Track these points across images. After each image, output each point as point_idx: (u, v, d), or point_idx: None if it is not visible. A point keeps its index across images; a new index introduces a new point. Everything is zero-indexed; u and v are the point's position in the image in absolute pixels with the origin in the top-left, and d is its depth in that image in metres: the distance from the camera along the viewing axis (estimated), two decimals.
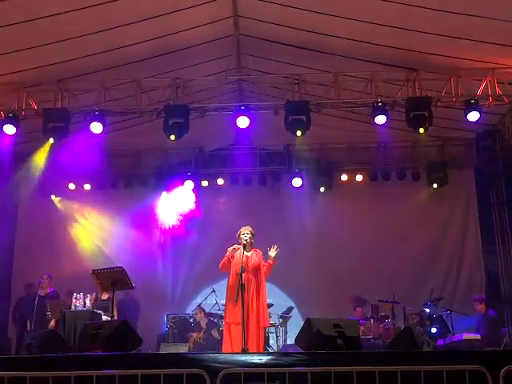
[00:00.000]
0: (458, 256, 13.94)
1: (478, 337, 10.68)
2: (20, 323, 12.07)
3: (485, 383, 5.09)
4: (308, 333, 6.75)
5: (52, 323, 10.64)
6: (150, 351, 10.32)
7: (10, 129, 10.96)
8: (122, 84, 11.29)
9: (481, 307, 11.59)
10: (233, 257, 8.68)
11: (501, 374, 5.08)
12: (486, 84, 10.83)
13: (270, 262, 8.70)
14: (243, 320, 7.98)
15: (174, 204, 14.19)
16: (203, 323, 12.08)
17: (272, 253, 8.65)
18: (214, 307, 12.57)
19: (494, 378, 5.09)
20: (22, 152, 12.55)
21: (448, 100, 11.11)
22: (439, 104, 11.09)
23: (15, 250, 14.06)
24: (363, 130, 12.48)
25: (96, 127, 11.01)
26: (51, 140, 11.11)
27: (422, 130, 10.88)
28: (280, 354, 6.72)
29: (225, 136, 13.37)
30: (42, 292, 11.75)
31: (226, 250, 8.73)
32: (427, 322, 11.05)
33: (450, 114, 11.64)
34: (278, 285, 13.16)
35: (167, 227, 14.21)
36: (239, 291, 8.18)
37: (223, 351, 8.47)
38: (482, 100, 10.91)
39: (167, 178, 13.91)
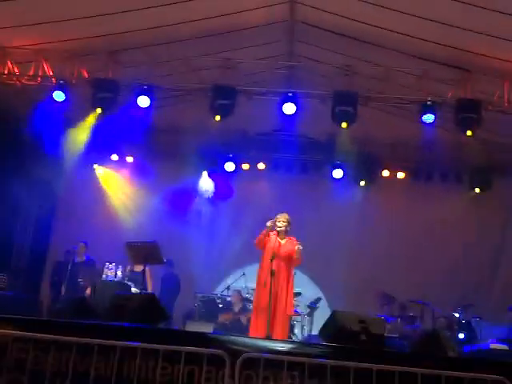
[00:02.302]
0: (493, 263, 13.73)
1: (506, 347, 10.51)
2: (55, 287, 12.23)
3: None
4: (332, 326, 6.75)
5: (88, 291, 10.79)
6: (175, 327, 10.43)
7: (59, 95, 11.10)
8: (172, 60, 11.33)
9: None
10: (268, 235, 8.69)
11: None
12: None
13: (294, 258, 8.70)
14: (270, 306, 8.02)
15: (213, 184, 14.31)
16: (237, 307, 12.06)
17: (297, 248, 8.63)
18: (243, 291, 12.61)
19: None
20: (69, 119, 12.74)
21: (499, 104, 10.86)
22: (490, 108, 10.85)
23: (56, 217, 14.34)
24: (409, 128, 12.31)
25: (143, 101, 11.09)
26: (99, 110, 11.19)
27: (469, 133, 10.69)
28: (303, 343, 6.73)
29: (269, 121, 13.33)
30: (78, 259, 11.86)
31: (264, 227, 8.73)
32: (455, 327, 10.92)
33: (500, 119, 11.38)
34: (309, 274, 13.19)
35: (204, 207, 14.33)
36: (268, 277, 8.20)
37: (250, 335, 8.53)
38: None
39: (208, 158, 14.00)
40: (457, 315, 11.17)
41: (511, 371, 5.48)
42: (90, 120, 12.08)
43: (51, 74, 11.26)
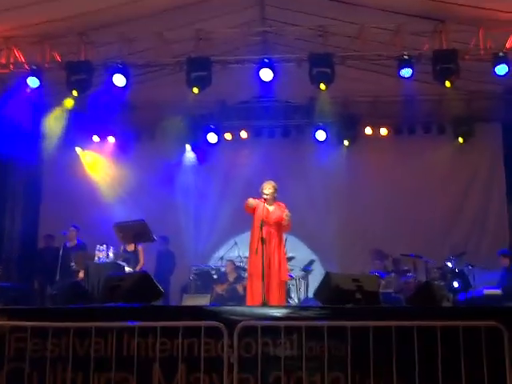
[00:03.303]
0: (482, 211, 13.82)
1: (499, 292, 10.67)
2: (41, 274, 12.23)
3: (501, 339, 5.12)
4: (327, 287, 6.79)
5: (81, 274, 10.78)
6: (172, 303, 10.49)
7: (33, 81, 10.98)
8: (144, 36, 11.19)
9: (505, 261, 11.57)
10: (255, 208, 8.72)
11: None
12: None
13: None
14: (263, 273, 8.07)
15: (197, 157, 14.30)
16: (231, 277, 12.15)
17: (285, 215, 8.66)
18: (237, 259, 12.68)
19: (511, 335, 5.11)
20: (46, 104, 12.62)
21: (476, 53, 10.83)
22: (466, 57, 10.82)
23: (41, 202, 14.30)
24: (388, 83, 12.28)
25: (119, 80, 10.98)
26: (74, 92, 11.07)
27: (448, 84, 10.69)
28: (298, 307, 6.80)
29: (248, 89, 13.26)
30: (69, 244, 11.85)
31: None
32: (449, 277, 11.03)
33: (477, 67, 11.35)
34: (300, 238, 13.25)
35: (190, 180, 14.31)
36: (260, 245, 8.24)
37: (246, 303, 8.61)
38: (510, 53, 10.62)
39: (190, 131, 13.93)
40: (450, 264, 11.27)
41: (504, 316, 5.55)
42: (67, 103, 12.02)
43: (23, 60, 11.12)
